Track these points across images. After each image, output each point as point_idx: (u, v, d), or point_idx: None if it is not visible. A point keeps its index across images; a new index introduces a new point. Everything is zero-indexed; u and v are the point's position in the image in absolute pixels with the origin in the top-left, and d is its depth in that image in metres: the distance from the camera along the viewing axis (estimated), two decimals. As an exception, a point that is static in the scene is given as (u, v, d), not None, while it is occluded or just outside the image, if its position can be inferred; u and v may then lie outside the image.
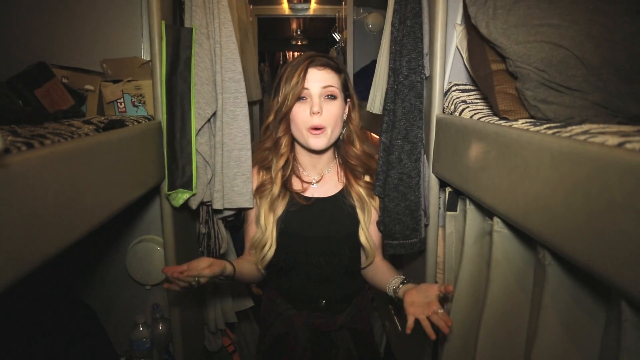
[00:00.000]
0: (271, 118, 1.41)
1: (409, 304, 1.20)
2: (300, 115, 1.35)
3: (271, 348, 1.51)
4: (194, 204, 1.52)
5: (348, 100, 1.46)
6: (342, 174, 1.49)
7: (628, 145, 0.61)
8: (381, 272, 1.45)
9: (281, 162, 1.41)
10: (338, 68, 1.41)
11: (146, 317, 1.72)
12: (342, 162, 1.50)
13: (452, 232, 1.36)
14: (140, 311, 1.76)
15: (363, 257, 1.48)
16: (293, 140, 1.45)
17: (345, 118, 1.45)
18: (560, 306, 0.83)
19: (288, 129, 1.41)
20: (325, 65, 1.37)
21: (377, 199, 1.42)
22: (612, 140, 0.64)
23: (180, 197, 1.46)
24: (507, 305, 1.03)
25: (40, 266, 0.73)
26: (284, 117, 1.38)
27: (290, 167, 1.44)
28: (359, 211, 1.44)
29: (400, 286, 1.33)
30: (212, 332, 1.99)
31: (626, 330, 0.62)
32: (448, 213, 1.35)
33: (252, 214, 1.49)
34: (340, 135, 1.45)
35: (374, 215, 1.45)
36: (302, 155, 1.46)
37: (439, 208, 1.42)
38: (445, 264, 1.42)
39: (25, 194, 0.69)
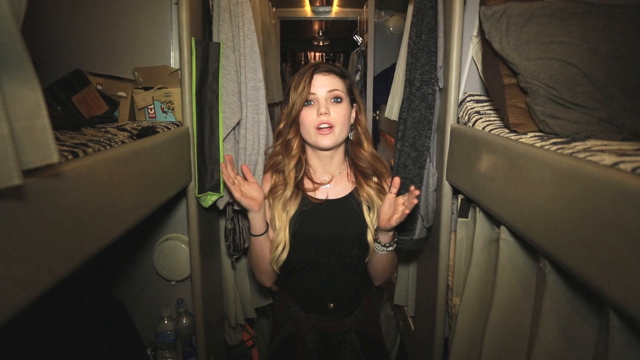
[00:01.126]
0: (282, 124, 1.50)
1: (386, 222, 1.32)
2: (309, 117, 1.43)
3: (281, 347, 1.57)
4: (221, 205, 1.62)
5: (354, 104, 1.53)
6: (352, 175, 1.55)
7: (622, 166, 0.66)
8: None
9: (293, 163, 1.48)
10: (342, 74, 1.48)
11: (171, 311, 1.81)
12: (351, 164, 1.56)
13: (462, 238, 1.41)
14: (166, 305, 1.85)
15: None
16: (304, 144, 1.53)
17: (352, 121, 1.52)
18: (559, 312, 0.88)
19: (298, 132, 1.49)
20: (329, 71, 1.45)
21: None
22: (609, 160, 0.69)
23: (210, 199, 1.57)
24: (511, 309, 1.09)
25: (85, 262, 0.81)
26: (294, 121, 1.46)
27: (302, 170, 1.51)
28: (366, 211, 1.49)
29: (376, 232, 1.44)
30: (233, 327, 2.07)
31: (613, 336, 0.68)
32: (460, 219, 1.40)
33: (266, 216, 1.54)
34: (347, 136, 1.51)
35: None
36: (313, 158, 1.54)
37: (452, 214, 1.47)
38: (455, 267, 1.47)
39: (73, 198, 0.78)
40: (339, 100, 1.44)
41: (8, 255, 0.61)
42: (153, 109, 1.60)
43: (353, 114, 1.52)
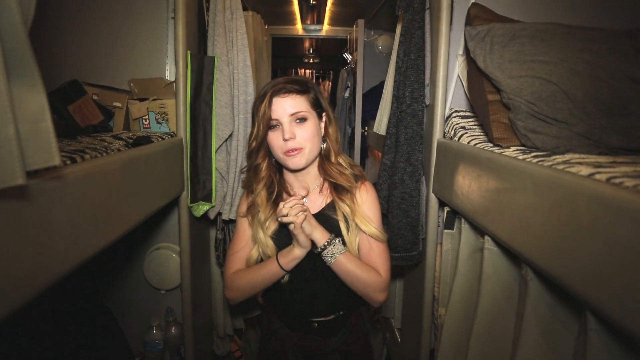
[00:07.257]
0: (252, 146, 1.42)
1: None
2: (276, 141, 1.36)
3: None
4: (212, 215, 1.65)
5: (323, 113, 1.42)
6: (326, 189, 1.46)
7: (597, 176, 0.70)
8: None
9: (260, 186, 1.42)
10: (303, 89, 1.37)
11: (160, 320, 1.81)
12: (324, 178, 1.46)
13: (448, 249, 1.44)
14: (155, 314, 1.85)
15: None
16: (277, 162, 1.44)
17: (323, 132, 1.43)
18: (540, 317, 0.91)
19: (266, 155, 1.42)
20: (288, 91, 1.35)
21: (363, 216, 1.38)
22: (585, 170, 0.74)
23: (201, 208, 1.59)
24: (495, 316, 1.12)
25: (80, 265, 0.83)
26: (261, 145, 1.40)
27: (275, 190, 1.44)
28: (342, 226, 1.39)
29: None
30: (221, 337, 2.07)
31: (591, 338, 0.71)
32: (445, 231, 1.44)
33: (247, 233, 1.45)
34: (320, 150, 1.43)
35: (363, 234, 1.39)
36: (287, 174, 1.47)
37: (438, 226, 1.51)
38: (441, 278, 1.50)
39: (71, 201, 0.80)
40: (303, 120, 1.35)
41: (9, 252, 0.63)
42: (147, 120, 1.62)
43: (322, 125, 1.43)
